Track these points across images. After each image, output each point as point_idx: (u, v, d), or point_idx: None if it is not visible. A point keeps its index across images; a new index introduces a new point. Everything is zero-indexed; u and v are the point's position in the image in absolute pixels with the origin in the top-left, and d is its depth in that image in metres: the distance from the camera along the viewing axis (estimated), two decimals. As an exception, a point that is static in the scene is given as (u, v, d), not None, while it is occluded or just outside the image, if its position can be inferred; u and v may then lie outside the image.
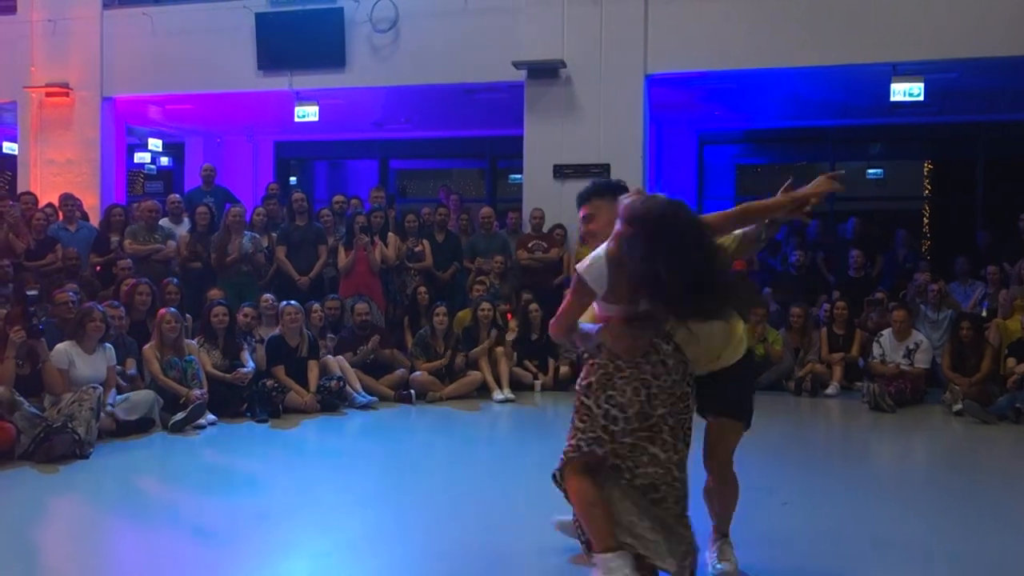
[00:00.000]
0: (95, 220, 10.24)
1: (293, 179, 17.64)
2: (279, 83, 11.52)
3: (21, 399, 5.43)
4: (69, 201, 9.46)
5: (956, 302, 9.31)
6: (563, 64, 10.34)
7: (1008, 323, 8.63)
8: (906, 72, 9.81)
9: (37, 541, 4.23)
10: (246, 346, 7.35)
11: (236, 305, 7.77)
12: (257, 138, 16.10)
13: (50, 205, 9.74)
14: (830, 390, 8.43)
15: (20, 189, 12.21)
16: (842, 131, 13.95)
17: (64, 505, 4.79)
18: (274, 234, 9.29)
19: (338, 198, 10.18)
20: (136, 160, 15.95)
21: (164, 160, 16.57)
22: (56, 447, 5.30)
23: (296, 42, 11.14)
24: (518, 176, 17.27)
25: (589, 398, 3.18)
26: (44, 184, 11.94)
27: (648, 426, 3.12)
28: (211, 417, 6.66)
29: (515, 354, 8.59)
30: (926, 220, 14.99)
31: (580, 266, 3.14)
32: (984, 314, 9.34)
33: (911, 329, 8.17)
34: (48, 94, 12.16)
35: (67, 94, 12.14)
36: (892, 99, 9.84)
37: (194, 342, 7.07)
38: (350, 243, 8.99)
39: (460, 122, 14.01)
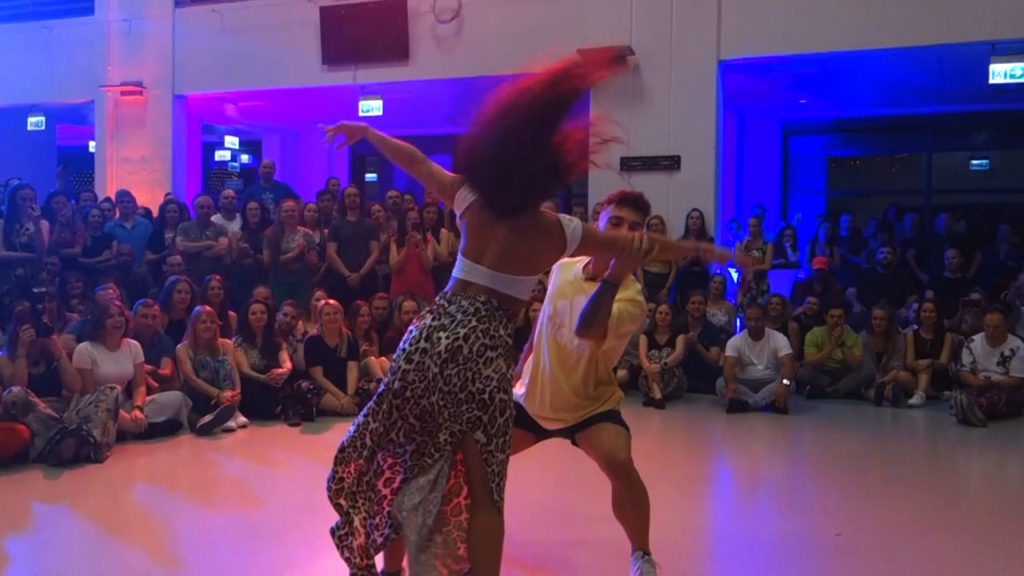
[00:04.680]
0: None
1: (373, 176, 17.59)
2: (344, 77, 11.37)
3: (35, 400, 5.28)
4: (125, 197, 9.45)
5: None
6: (631, 51, 9.82)
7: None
8: (1007, 52, 8.95)
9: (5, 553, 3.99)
10: (286, 346, 7.13)
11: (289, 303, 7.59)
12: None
13: (107, 200, 9.77)
14: (914, 400, 7.67)
15: (97, 187, 12.46)
16: (942, 118, 13.02)
17: (50, 515, 4.53)
18: (326, 230, 9.07)
19: (392, 193, 9.90)
20: (217, 158, 16.12)
21: (244, 158, 16.72)
22: (66, 451, 5.13)
23: (360, 35, 10.97)
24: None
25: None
26: (119, 181, 12.09)
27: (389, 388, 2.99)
28: (242, 420, 6.44)
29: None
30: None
31: None
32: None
33: (1006, 334, 7.37)
34: (123, 93, 12.32)
35: (141, 93, 12.28)
36: (991, 81, 8.99)
37: (231, 341, 6.87)
38: (402, 240, 8.70)
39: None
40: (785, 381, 7.33)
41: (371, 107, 11.39)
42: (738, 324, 8.72)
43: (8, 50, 12.72)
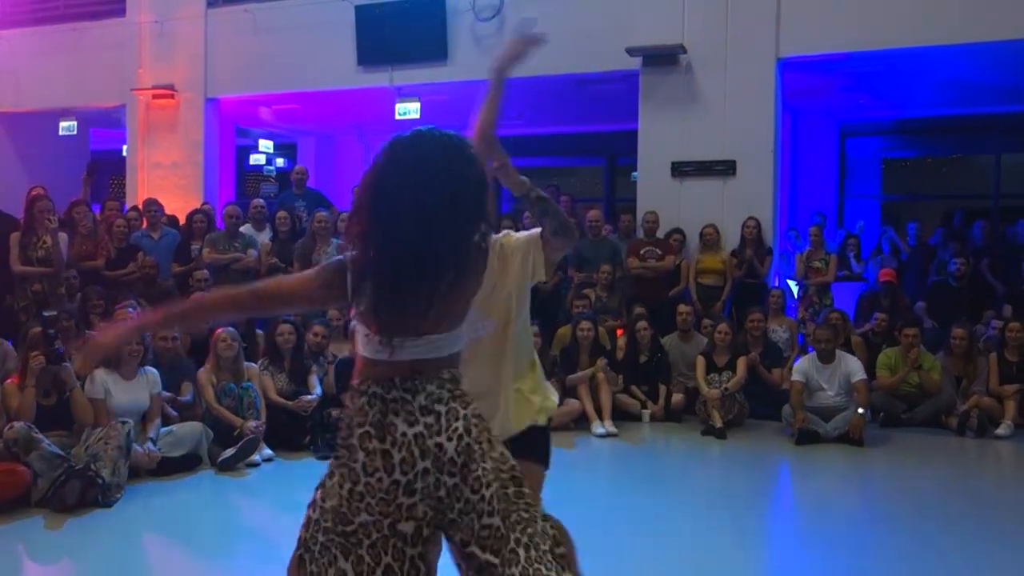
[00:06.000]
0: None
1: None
2: (380, 79, 10.88)
3: (40, 436, 4.81)
4: (152, 206, 9.01)
5: None
6: (683, 49, 9.22)
7: None
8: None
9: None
10: (316, 369, 6.63)
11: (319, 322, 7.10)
12: (368, 138, 15.66)
13: (135, 209, 9.36)
14: (1001, 430, 6.98)
15: (128, 193, 12.12)
16: (1014, 118, 12.22)
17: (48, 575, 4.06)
18: (360, 241, 8.55)
19: (431, 201, 9.36)
20: (252, 162, 15.75)
21: (280, 161, 16.35)
22: (70, 494, 4.64)
23: (396, 35, 10.49)
24: (639, 174, 16.35)
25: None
26: (151, 187, 11.75)
27: (343, 531, 2.09)
28: (267, 452, 5.93)
29: (620, 379, 7.54)
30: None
31: None
32: None
33: (1107, 358, 6.67)
34: (155, 96, 11.95)
35: (172, 96, 11.91)
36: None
37: (256, 365, 6.38)
38: (440, 251, 8.16)
39: (576, 116, 13.06)
40: (860, 410, 6.67)
41: (408, 109, 10.90)
42: (799, 340, 8.11)
43: (39, 54, 12.41)
